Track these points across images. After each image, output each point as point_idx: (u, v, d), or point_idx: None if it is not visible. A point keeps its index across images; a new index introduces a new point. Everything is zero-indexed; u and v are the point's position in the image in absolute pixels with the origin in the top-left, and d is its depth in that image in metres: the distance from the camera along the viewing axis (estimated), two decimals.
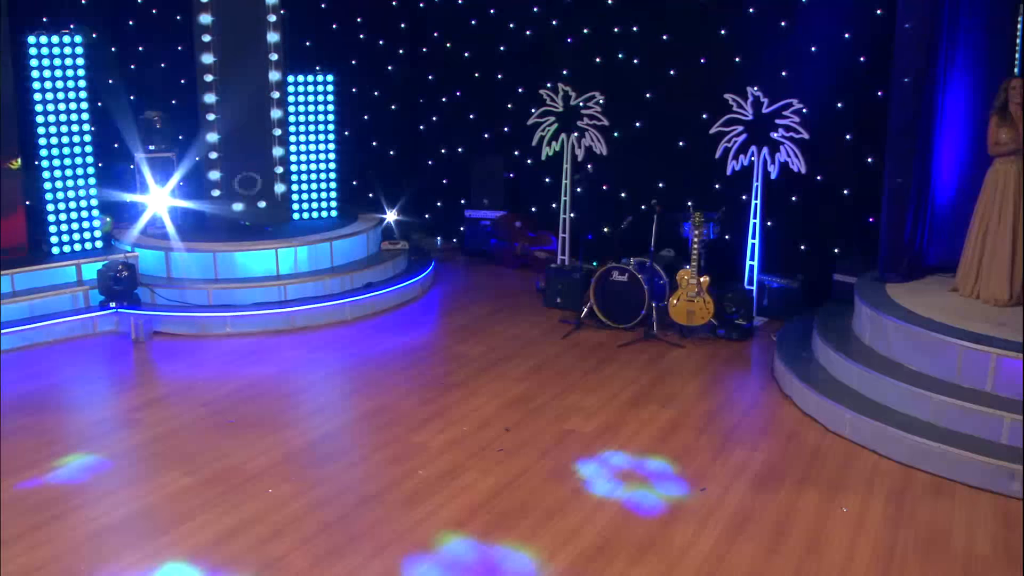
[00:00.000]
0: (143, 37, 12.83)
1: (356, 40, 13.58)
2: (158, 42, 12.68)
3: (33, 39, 10.14)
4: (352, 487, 6.74)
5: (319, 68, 12.38)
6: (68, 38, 10.35)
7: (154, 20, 12.75)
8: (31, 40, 10.13)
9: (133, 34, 12.83)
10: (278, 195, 11.94)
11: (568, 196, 11.45)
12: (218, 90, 11.23)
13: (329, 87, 12.16)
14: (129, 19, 12.75)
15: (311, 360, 9.54)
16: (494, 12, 12.64)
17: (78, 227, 10.81)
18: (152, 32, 12.75)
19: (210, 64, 11.13)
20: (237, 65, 11.25)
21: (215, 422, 7.93)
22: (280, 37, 11.39)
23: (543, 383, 8.76)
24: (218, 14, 11.00)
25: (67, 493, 6.68)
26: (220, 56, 11.12)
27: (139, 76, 12.94)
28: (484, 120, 13.12)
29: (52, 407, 8.25)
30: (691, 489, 6.66)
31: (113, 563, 5.76)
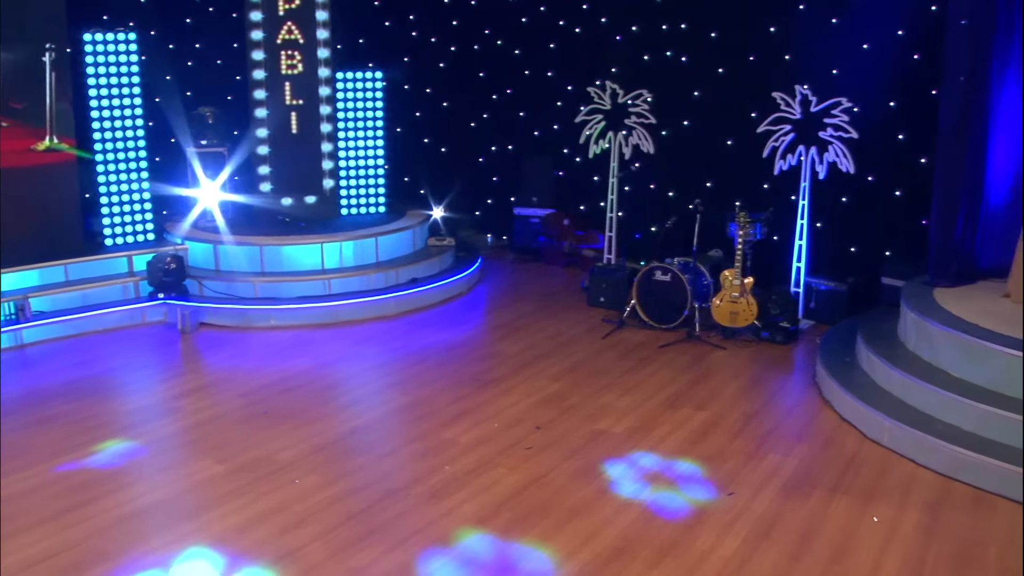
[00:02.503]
0: (199, 35, 13.07)
1: (408, 37, 13.65)
2: (214, 39, 12.89)
3: (89, 36, 10.39)
4: (377, 480, 6.77)
5: (371, 65, 12.47)
6: (123, 35, 10.58)
7: (210, 18, 12.98)
8: (87, 37, 10.38)
9: (190, 32, 13.07)
10: (327, 191, 12.05)
11: (615, 194, 11.35)
12: (268, 86, 11.38)
13: (378, 83, 12.23)
14: (186, 17, 12.99)
15: (351, 354, 9.60)
16: (544, 9, 12.58)
17: (131, 220, 11.04)
18: (208, 30, 12.97)
19: (260, 61, 11.29)
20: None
21: (251, 412, 8.04)
22: (330, 35, 11.48)
23: (579, 382, 8.69)
24: (268, 12, 11.14)
25: (103, 477, 6.84)
26: (269, 53, 11.27)
27: (195, 73, 13.17)
28: (534, 118, 13.08)
29: (97, 394, 8.45)
30: (719, 493, 6.55)
31: (140, 546, 5.87)
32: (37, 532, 6.04)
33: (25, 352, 9.56)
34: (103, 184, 10.83)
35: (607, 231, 11.51)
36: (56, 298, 10.03)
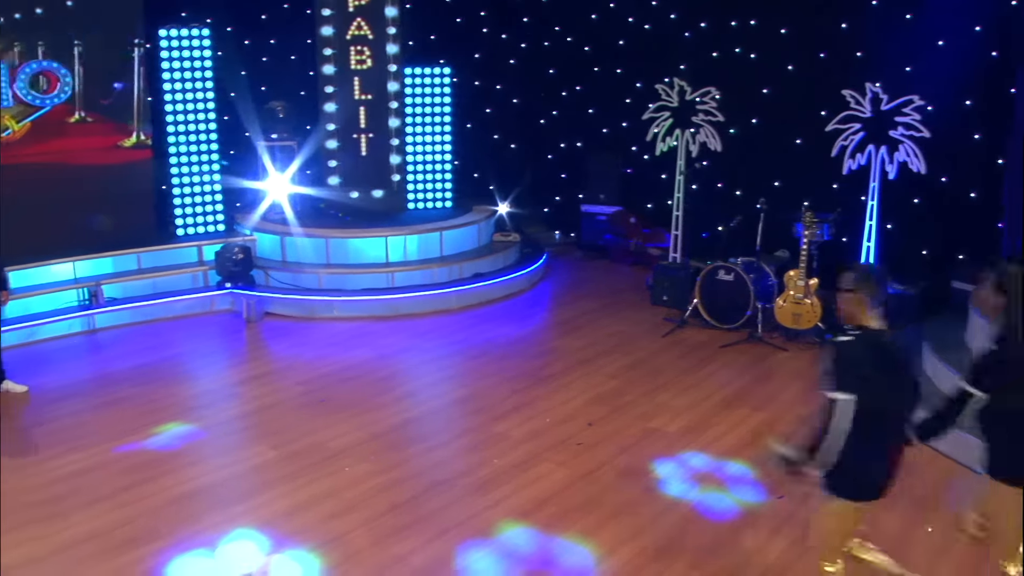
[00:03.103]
0: (274, 31, 13.29)
1: (479, 34, 13.70)
2: (288, 35, 13.09)
3: (164, 32, 10.68)
4: (426, 471, 6.82)
5: (442, 61, 12.56)
6: (197, 31, 10.86)
7: (284, 14, 13.18)
8: (162, 33, 10.67)
9: (265, 28, 13.31)
10: (394, 185, 12.16)
11: (682, 193, 11.22)
12: (337, 81, 11.55)
13: (446, 79, 12.30)
14: (262, 13, 13.23)
15: (411, 347, 9.68)
16: (614, 6, 12.51)
17: (202, 211, 11.31)
18: (282, 26, 13.18)
19: (330, 56, 11.47)
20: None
21: (309, 400, 8.17)
22: (399, 31, 11.59)
23: (636, 380, 8.62)
24: (338, 8, 11.31)
25: (161, 458, 7.04)
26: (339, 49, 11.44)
27: (269, 68, 13.40)
28: (603, 115, 13.01)
29: (163, 378, 8.69)
30: (769, 496, 6.42)
31: (190, 526, 6.03)
32: (95, 509, 6.25)
33: (97, 336, 9.89)
34: (176, 176, 11.12)
35: (673, 229, 11.39)
36: (128, 285, 10.34)
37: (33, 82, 9.91)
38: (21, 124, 9.86)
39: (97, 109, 10.54)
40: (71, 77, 10.18)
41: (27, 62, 9.81)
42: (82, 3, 10.18)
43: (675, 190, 11.23)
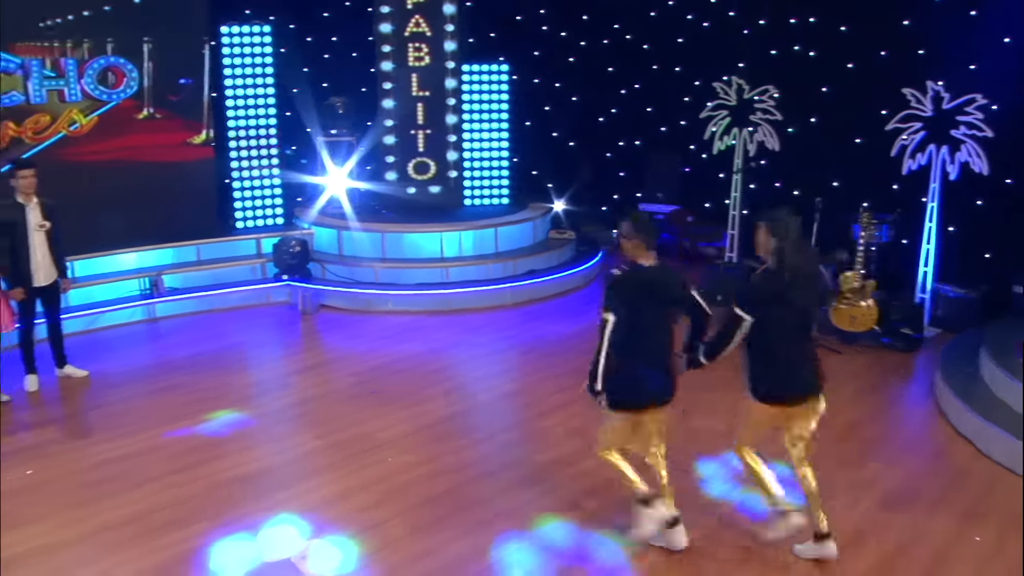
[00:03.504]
0: (336, 28, 13.46)
1: (539, 31, 13.70)
2: (349, 32, 13.25)
3: (226, 28, 10.92)
4: (469, 464, 6.86)
5: (502, 59, 12.61)
6: (258, 28, 11.07)
7: (346, 12, 13.34)
8: (224, 30, 10.91)
9: (327, 25, 13.49)
10: (451, 180, 12.25)
11: (739, 192, 11.10)
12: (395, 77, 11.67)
13: (504, 76, 12.35)
14: (324, 11, 13.42)
15: (463, 341, 9.74)
16: (673, 4, 12.42)
17: (260, 204, 11.53)
18: (344, 23, 13.34)
19: (388, 53, 11.60)
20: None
21: (359, 392, 8.28)
22: (457, 28, 11.67)
23: (685, 379, 8.44)
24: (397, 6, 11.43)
25: (211, 444, 7.21)
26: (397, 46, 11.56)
27: (331, 65, 13.58)
28: (661, 113, 12.94)
29: (218, 367, 8.89)
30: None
31: (234, 510, 6.16)
32: (144, 490, 6.44)
33: (157, 325, 10.16)
34: (236, 171, 11.36)
35: (729, 229, 11.27)
36: (188, 276, 10.59)
37: (101, 77, 10.20)
38: (89, 118, 10.16)
39: (166, 106, 10.83)
40: (137, 73, 10.45)
41: (95, 58, 10.10)
42: (151, 1, 10.45)
43: (732, 189, 11.11)
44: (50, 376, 8.41)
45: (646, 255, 5.41)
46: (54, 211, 8.00)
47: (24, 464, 6.80)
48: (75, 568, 5.54)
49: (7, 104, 9.60)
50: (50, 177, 8.79)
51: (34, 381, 8.18)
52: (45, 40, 9.76)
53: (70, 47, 9.94)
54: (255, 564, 5.57)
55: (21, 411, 7.79)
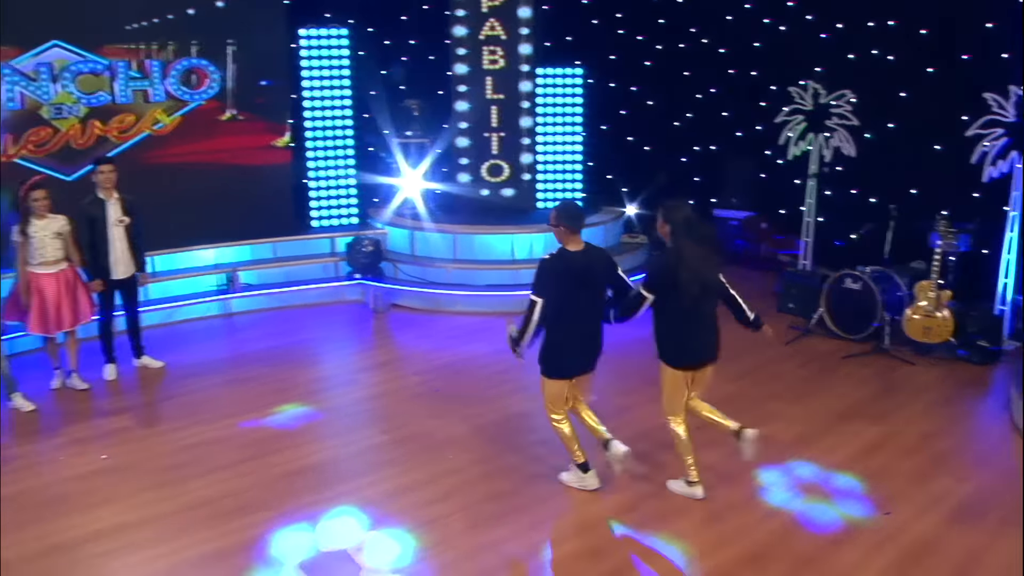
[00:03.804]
0: (414, 31, 13.63)
1: (615, 35, 13.67)
2: (427, 36, 13.40)
3: (304, 31, 11.16)
4: (528, 464, 6.89)
5: (579, 63, 12.62)
6: (336, 31, 11.29)
7: (425, 15, 13.49)
8: (302, 32, 11.15)
9: (405, 29, 13.67)
10: (524, 183, 12.29)
11: (813, 198, 10.92)
12: (470, 80, 11.76)
13: (578, 80, 12.36)
14: (402, 15, 13.60)
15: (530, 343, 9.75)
16: (750, 7, 12.27)
17: (336, 204, 11.75)
18: (421, 27, 13.50)
19: (463, 56, 11.69)
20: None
21: (424, 390, 8.38)
22: (532, 31, 11.72)
23: (752, 386, 8.45)
24: (472, 9, 11.53)
25: (278, 436, 7.38)
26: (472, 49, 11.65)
27: (409, 67, 13.74)
28: (737, 118, 12.77)
29: (289, 362, 9.08)
30: (876, 511, 6.19)
31: (296, 500, 6.31)
32: (211, 477, 6.64)
33: (232, 320, 10.43)
34: (313, 171, 11.59)
35: (804, 236, 11.10)
36: (263, 272, 10.85)
37: (184, 79, 10.51)
38: (172, 118, 10.47)
39: (249, 108, 11.10)
40: (219, 74, 10.73)
41: (179, 59, 10.42)
42: (234, 4, 10.74)
43: (807, 196, 10.94)
44: (128, 366, 8.71)
45: (574, 241, 6.09)
46: (134, 207, 8.28)
47: (101, 449, 7.07)
48: (144, 548, 5.74)
49: (94, 104, 9.95)
50: (136, 176, 9.19)
51: (112, 370, 8.49)
52: (131, 42, 10.09)
53: (155, 49, 10.27)
54: (313, 553, 5.70)
55: (99, 399, 8.10)
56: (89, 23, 9.83)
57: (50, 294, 7.88)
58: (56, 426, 7.51)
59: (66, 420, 7.62)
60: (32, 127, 9.64)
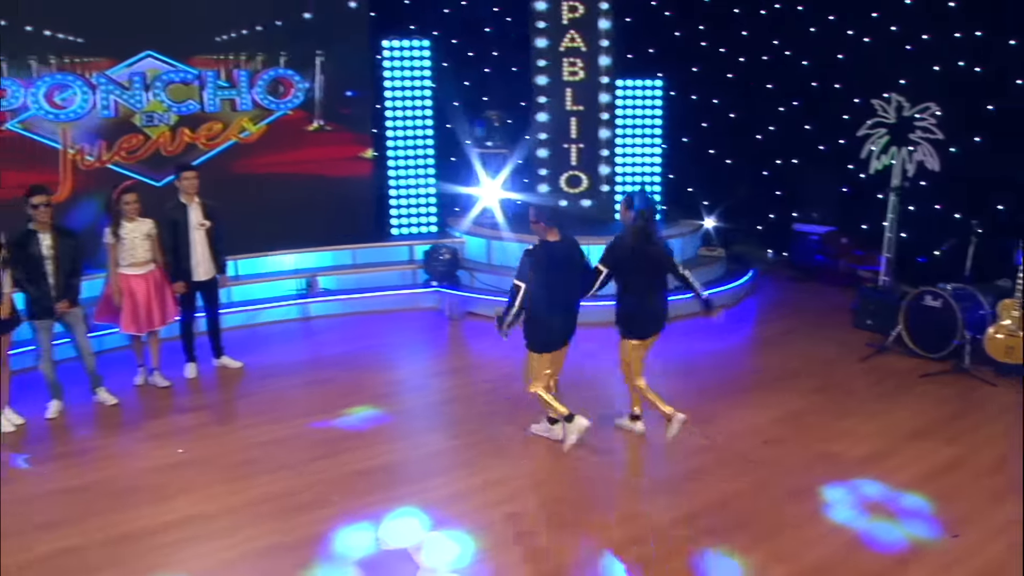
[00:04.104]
0: (497, 43, 13.80)
1: (697, 47, 13.63)
2: (509, 48, 13.55)
3: (387, 43, 11.42)
4: (591, 473, 6.94)
5: (661, 75, 12.63)
6: (417, 42, 11.52)
7: (508, 27, 13.65)
8: (385, 44, 11.42)
9: (488, 41, 13.85)
10: (602, 194, 12.32)
11: (895, 213, 10.69)
12: (550, 92, 11.86)
13: (658, 92, 12.35)
14: (486, 27, 13.79)
15: (601, 354, 9.69)
16: (833, 19, 12.10)
17: (416, 212, 11.97)
18: (504, 39, 13.66)
19: (543, 67, 11.81)
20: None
21: (494, 398, 8.47)
22: (612, 43, 11.78)
23: (824, 402, 8.32)
24: (552, 21, 11.63)
25: (347, 436, 7.57)
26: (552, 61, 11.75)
27: (492, 79, 13.92)
28: (820, 131, 12.60)
29: (362, 366, 9.29)
30: (944, 533, 6.04)
31: (361, 499, 6.47)
32: (281, 474, 6.85)
33: (310, 324, 10.71)
34: (394, 179, 11.83)
35: (885, 251, 10.86)
36: (342, 278, 11.12)
37: (271, 88, 10.85)
38: (258, 126, 10.83)
39: (335, 118, 11.40)
40: (305, 84, 11.05)
41: (266, 70, 10.77)
42: (321, 16, 11.06)
43: (888, 211, 10.72)
44: (208, 366, 9.03)
45: (552, 233, 7.09)
46: (215, 211, 8.60)
47: (178, 443, 7.36)
48: (212, 539, 5.96)
49: (184, 112, 10.38)
50: (224, 183, 9.55)
51: (193, 369, 8.82)
52: (220, 53, 10.50)
53: (244, 60, 10.65)
54: (374, 551, 5.83)
55: (179, 396, 8.43)
56: (180, 34, 10.27)
57: (141, 294, 8.23)
58: (137, 420, 7.86)
59: (147, 415, 7.98)
60: (125, 134, 10.12)
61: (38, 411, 7.88)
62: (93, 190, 9.57)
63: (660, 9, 13.72)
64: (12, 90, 9.51)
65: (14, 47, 9.48)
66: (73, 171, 9.93)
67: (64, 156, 9.89)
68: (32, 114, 9.66)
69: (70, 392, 8.07)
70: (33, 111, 9.65)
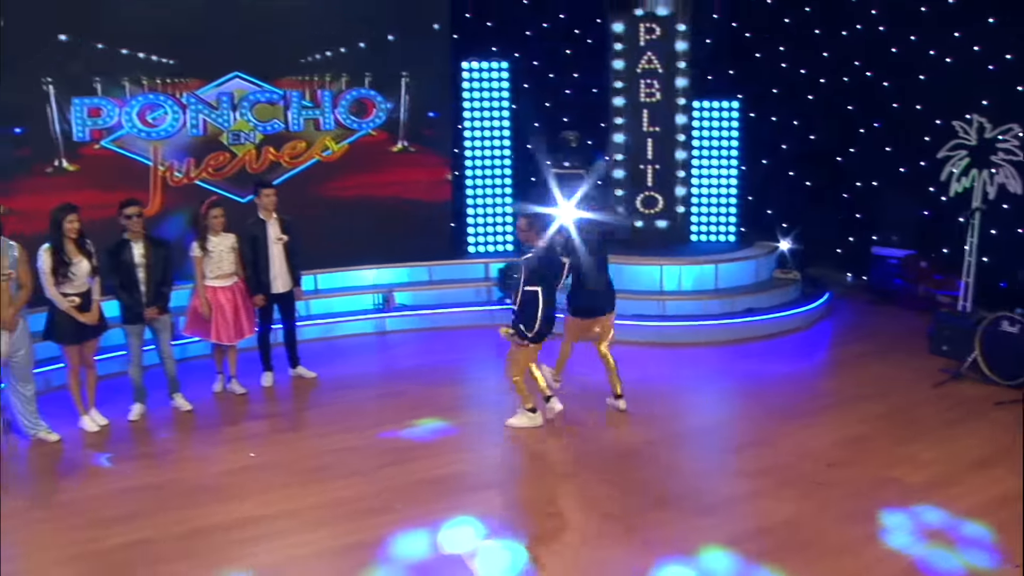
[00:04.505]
0: (577, 65, 13.97)
1: (778, 68, 13.58)
2: (588, 70, 13.70)
3: (467, 64, 11.73)
4: (649, 488, 7.02)
5: (740, 96, 12.66)
6: (496, 63, 11.80)
7: (588, 49, 13.81)
8: (464, 66, 11.73)
9: (568, 63, 14.03)
10: (678, 215, 12.39)
11: (976, 237, 10.49)
12: (626, 113, 12.00)
13: (735, 113, 12.37)
14: (567, 49, 13.98)
15: (670, 374, 9.86)
16: (915, 39, 11.95)
17: (492, 231, 12.22)
18: (584, 61, 13.81)
19: (620, 89, 11.96)
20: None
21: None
22: (688, 65, 11.87)
23: (890, 427, 8.23)
24: (630, 43, 11.78)
25: (414, 447, 7.83)
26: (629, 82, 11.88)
27: (571, 100, 14.06)
28: (900, 153, 12.43)
29: (433, 380, 9.55)
30: (1004, 564, 5.95)
31: (422, 507, 6.70)
32: (348, 480, 7.15)
33: (386, 338, 11.02)
34: (471, 198, 12.11)
35: (964, 276, 10.67)
36: (418, 294, 11.41)
37: (353, 108, 11.24)
38: (340, 145, 11.23)
39: (420, 140, 11.72)
40: (387, 105, 11.40)
41: (349, 90, 11.16)
42: (404, 38, 11.41)
43: (968, 234, 10.52)
44: (284, 375, 9.41)
45: (540, 239, 8.02)
46: (291, 227, 9.00)
47: (251, 447, 7.73)
48: (279, 538, 6.27)
49: (269, 131, 10.85)
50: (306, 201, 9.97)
51: (269, 378, 9.21)
52: (305, 74, 10.94)
53: (328, 80, 11.06)
54: (430, 556, 6.04)
55: (255, 403, 8.83)
56: (267, 56, 10.74)
57: (228, 306, 8.69)
58: (213, 425, 8.29)
59: (223, 420, 8.40)
60: (212, 152, 10.63)
61: (121, 413, 8.37)
62: (181, 205, 10.08)
63: (741, 31, 13.74)
64: (107, 109, 10.09)
65: (109, 69, 10.07)
66: (163, 187, 10.48)
67: (155, 172, 10.44)
68: (126, 132, 10.23)
69: (151, 397, 8.53)
70: (127, 129, 10.22)
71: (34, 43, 9.63)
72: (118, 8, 10.07)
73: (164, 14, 10.17)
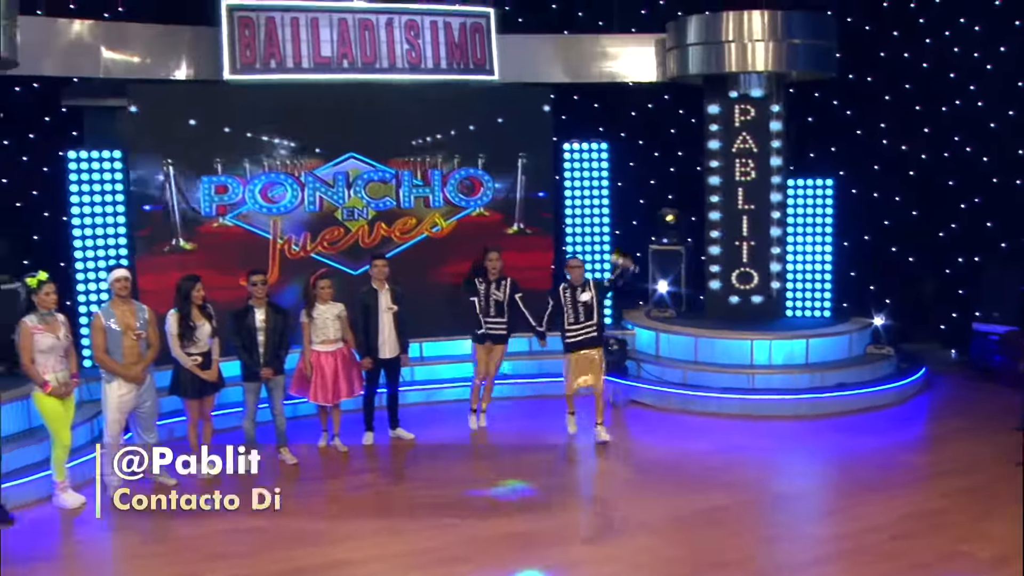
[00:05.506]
0: (681, 144, 14.46)
1: (879, 144, 13.77)
2: (692, 148, 14.17)
3: (568, 146, 12.44)
4: (712, 552, 7.36)
5: (842, 172, 12.94)
6: (596, 144, 12.48)
7: (691, 128, 14.30)
8: (565, 147, 12.46)
9: (673, 141, 14.54)
10: (773, 291, 12.64)
11: None
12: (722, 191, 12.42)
13: (829, 191, 12.62)
14: (670, 128, 14.53)
15: (753, 445, 10.03)
16: (1013, 114, 12.02)
17: None
18: (686, 140, 14.29)
19: (715, 168, 12.42)
20: None
21: (636, 480, 9.11)
22: (782, 161, 12.29)
23: (968, 502, 8.27)
24: (724, 123, 12.27)
25: (496, 504, 8.35)
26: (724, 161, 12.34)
27: (675, 178, 14.52)
28: (1001, 227, 12.45)
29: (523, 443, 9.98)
30: None
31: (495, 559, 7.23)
32: (432, 532, 7.73)
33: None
34: None
35: None
36: (517, 363, 11.87)
37: (461, 187, 12.01)
38: (448, 222, 11.98)
39: (535, 222, 12.27)
40: (495, 184, 12.12)
41: (457, 169, 11.96)
42: (515, 119, 12.06)
43: None
44: (383, 436, 10.07)
45: (576, 274, 10.14)
46: (401, 297, 9.81)
47: (349, 499, 8.47)
48: None
49: (380, 208, 11.66)
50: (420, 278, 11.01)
51: (370, 437, 9.91)
52: (416, 155, 11.75)
53: (440, 161, 11.87)
54: None
55: (355, 460, 9.57)
56: (380, 139, 11.58)
57: (329, 369, 9.48)
58: (315, 477, 9.07)
59: (324, 473, 9.19)
60: (327, 227, 11.46)
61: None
62: (298, 276, 10.90)
63: (841, 109, 14.00)
64: (232, 187, 11.08)
65: (231, 149, 11.06)
66: (281, 259, 11.31)
67: (273, 245, 11.30)
68: (248, 208, 11.16)
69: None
70: (249, 205, 11.15)
71: (162, 127, 10.74)
72: (245, 95, 11.11)
73: (286, 101, 11.16)
